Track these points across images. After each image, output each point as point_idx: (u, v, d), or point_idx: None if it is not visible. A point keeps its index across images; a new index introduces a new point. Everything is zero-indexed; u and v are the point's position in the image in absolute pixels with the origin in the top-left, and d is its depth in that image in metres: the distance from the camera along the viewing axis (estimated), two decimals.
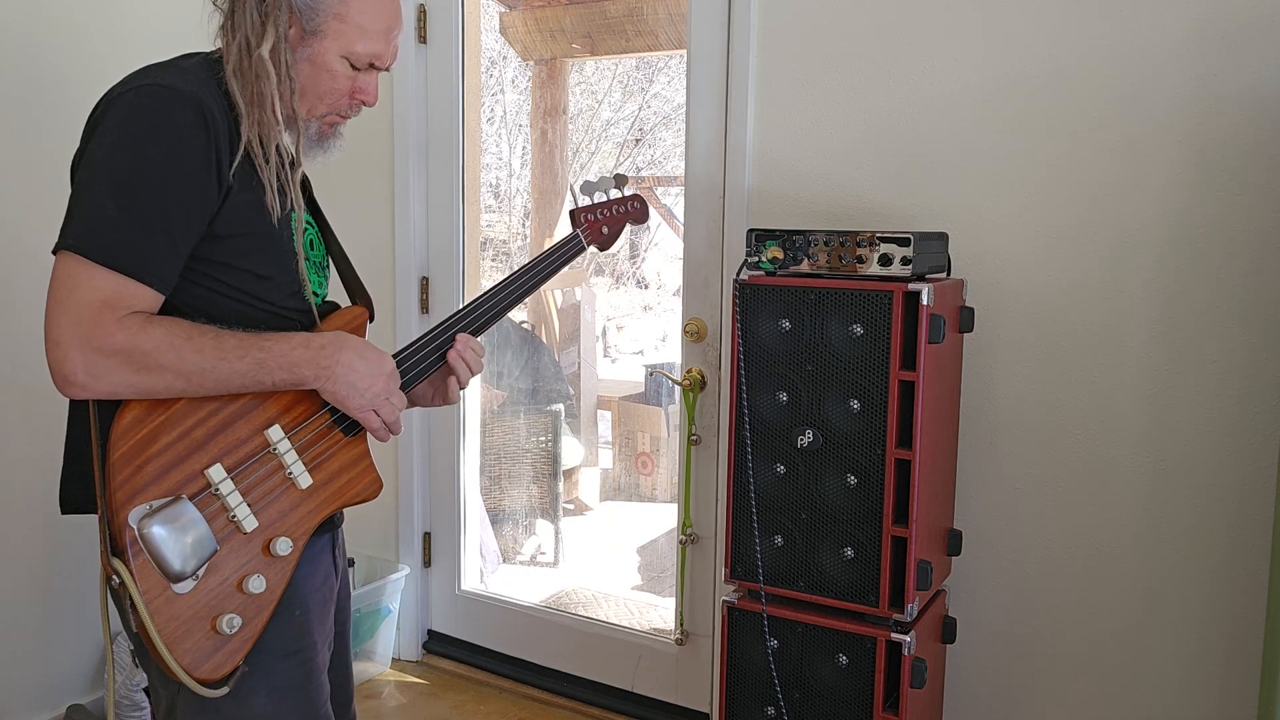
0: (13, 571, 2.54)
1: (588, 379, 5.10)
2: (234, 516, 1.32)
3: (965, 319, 2.08)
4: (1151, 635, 2.12)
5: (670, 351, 6.49)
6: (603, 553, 4.53)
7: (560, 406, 4.32)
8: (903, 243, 1.93)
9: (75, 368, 1.22)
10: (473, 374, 1.58)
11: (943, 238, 2.08)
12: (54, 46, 2.55)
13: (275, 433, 1.37)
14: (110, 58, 2.64)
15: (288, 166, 1.40)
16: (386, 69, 1.47)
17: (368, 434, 1.48)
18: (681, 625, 2.68)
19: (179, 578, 1.27)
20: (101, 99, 1.32)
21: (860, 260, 1.96)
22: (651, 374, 5.17)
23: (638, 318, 7.06)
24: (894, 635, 1.95)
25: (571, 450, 4.60)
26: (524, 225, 6.12)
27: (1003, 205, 2.18)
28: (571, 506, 4.76)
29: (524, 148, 6.24)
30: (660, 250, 6.88)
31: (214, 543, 1.30)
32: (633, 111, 6.57)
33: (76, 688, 2.69)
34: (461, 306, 1.63)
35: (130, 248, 1.24)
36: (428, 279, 3.05)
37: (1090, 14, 2.07)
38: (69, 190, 1.30)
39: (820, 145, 2.36)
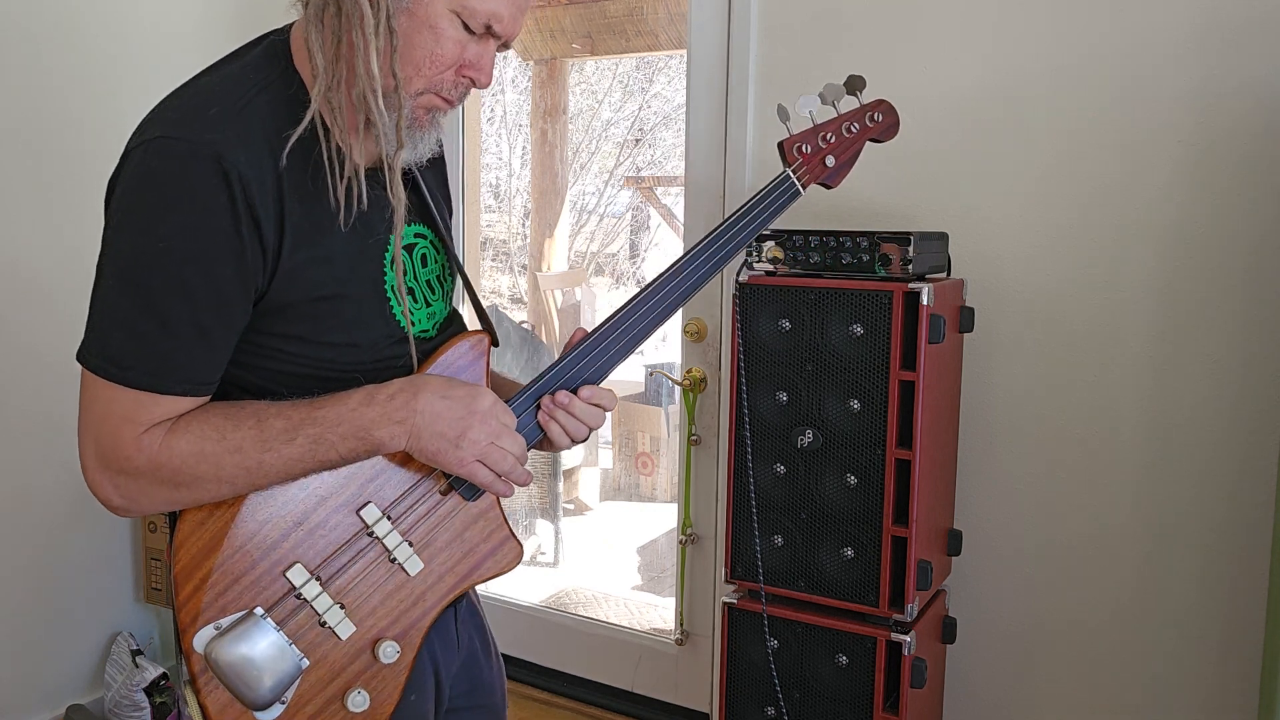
0: (13, 572, 2.54)
1: None
2: (324, 622, 1.09)
3: (965, 319, 2.08)
4: (1152, 634, 2.12)
5: (670, 351, 6.47)
6: (603, 553, 4.53)
7: None
8: (903, 243, 1.93)
9: (108, 493, 1.04)
10: (573, 440, 1.19)
11: (943, 238, 2.08)
12: (55, 45, 2.51)
13: (370, 513, 1.11)
14: (118, 58, 2.60)
15: (362, 171, 1.08)
16: (506, 42, 1.11)
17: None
18: (681, 625, 2.68)
19: (259, 706, 1.07)
20: (129, 141, 1.05)
21: (861, 260, 1.96)
22: (651, 374, 5.17)
23: None
24: (894, 635, 1.95)
25: (571, 450, 4.59)
26: (524, 225, 6.12)
27: (1003, 205, 2.18)
28: (571, 506, 4.76)
29: (524, 148, 6.24)
30: (660, 250, 6.88)
31: (298, 660, 1.08)
32: (633, 111, 6.57)
33: (76, 688, 2.69)
34: (613, 312, 1.24)
35: (150, 357, 1.01)
36: None
37: (1090, 13, 2.07)
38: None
39: None
